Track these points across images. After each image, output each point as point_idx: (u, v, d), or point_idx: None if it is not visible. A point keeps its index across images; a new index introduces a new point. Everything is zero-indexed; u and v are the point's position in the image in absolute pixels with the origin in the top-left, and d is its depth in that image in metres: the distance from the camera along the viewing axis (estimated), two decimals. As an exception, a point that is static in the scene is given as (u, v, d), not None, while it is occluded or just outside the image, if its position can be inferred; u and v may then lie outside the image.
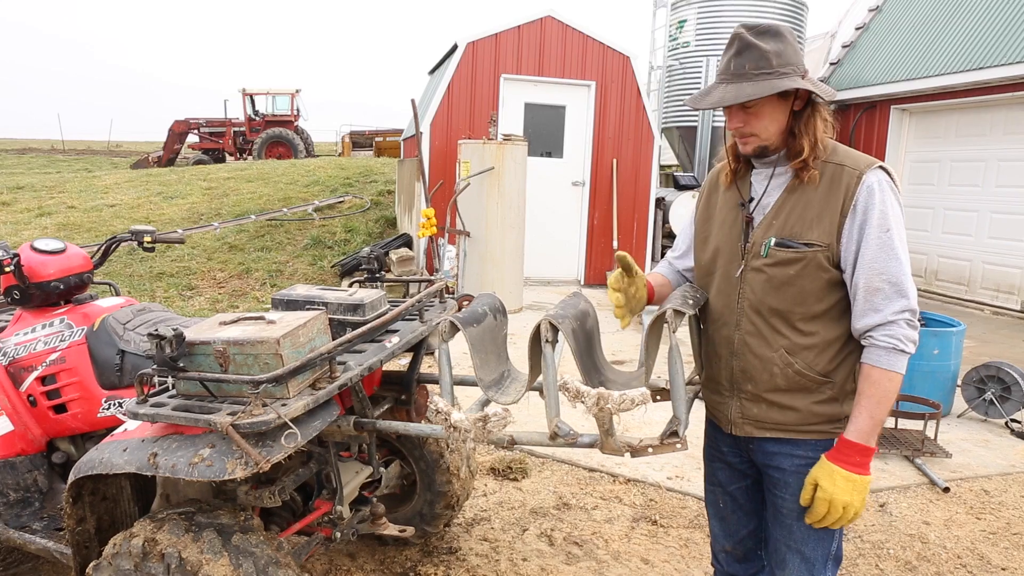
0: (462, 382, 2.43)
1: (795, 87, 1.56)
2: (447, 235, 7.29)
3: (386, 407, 2.37)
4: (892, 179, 1.61)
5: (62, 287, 2.44)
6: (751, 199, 1.73)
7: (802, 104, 1.63)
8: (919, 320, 1.60)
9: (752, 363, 1.70)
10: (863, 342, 1.61)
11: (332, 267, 8.73)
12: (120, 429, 1.88)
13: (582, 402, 1.56)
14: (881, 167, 1.61)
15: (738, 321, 1.72)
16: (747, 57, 1.59)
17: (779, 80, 1.56)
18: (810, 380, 1.66)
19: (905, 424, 4.09)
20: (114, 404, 2.31)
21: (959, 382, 4.59)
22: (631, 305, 1.81)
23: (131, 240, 2.74)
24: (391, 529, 2.51)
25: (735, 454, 1.87)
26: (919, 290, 9.06)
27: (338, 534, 2.24)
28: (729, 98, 1.58)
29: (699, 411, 4.78)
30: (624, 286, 1.80)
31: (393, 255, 8.29)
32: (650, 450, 1.68)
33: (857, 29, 10.83)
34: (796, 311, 1.64)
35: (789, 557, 1.74)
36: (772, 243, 1.65)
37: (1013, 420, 4.39)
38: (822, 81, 1.63)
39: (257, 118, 22.73)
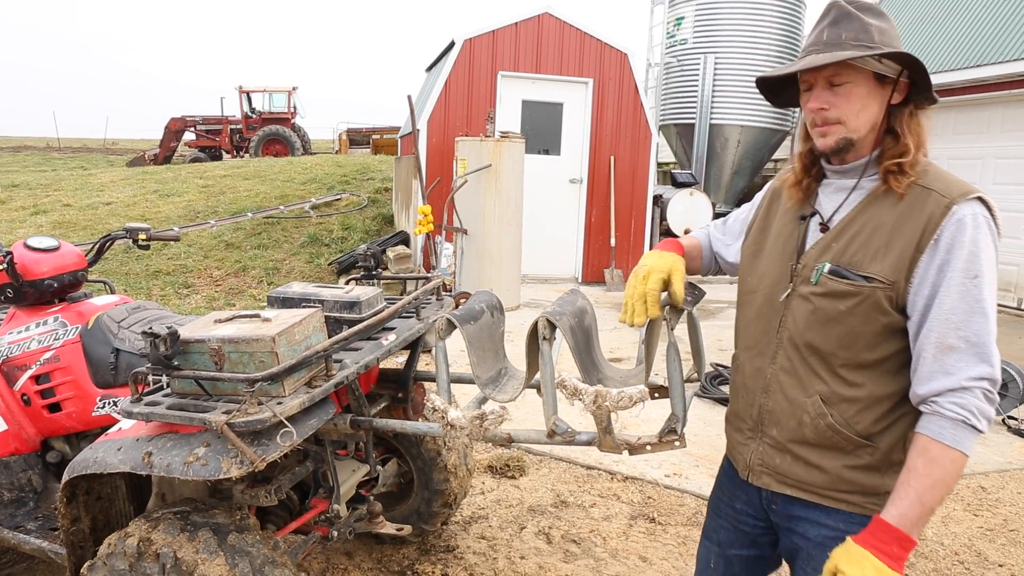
0: (459, 380, 2.42)
1: (899, 68, 1.30)
2: (444, 232, 7.28)
3: (383, 405, 2.36)
4: (992, 214, 1.31)
5: (56, 285, 2.42)
6: (814, 212, 1.45)
7: (902, 98, 1.35)
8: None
9: (781, 405, 1.46)
10: (923, 408, 1.29)
11: (329, 264, 8.71)
12: (115, 428, 1.86)
13: (580, 400, 1.55)
14: (980, 198, 1.30)
15: (775, 353, 1.47)
16: (845, 27, 1.32)
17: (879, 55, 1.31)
18: (845, 439, 1.38)
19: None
20: (109, 403, 2.29)
21: (957, 379, 4.59)
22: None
23: (126, 238, 2.72)
24: (388, 527, 2.49)
25: (750, 513, 1.59)
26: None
27: (335, 533, 2.23)
28: (821, 60, 1.31)
29: (698, 408, 4.78)
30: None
31: (390, 252, 8.27)
32: (648, 448, 1.67)
33: (854, 26, 10.81)
34: (839, 355, 1.37)
35: None
36: (825, 269, 1.37)
37: (1010, 417, 4.39)
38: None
39: (254, 115, 22.68)
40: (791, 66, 1.37)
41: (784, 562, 1.62)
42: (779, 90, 1.54)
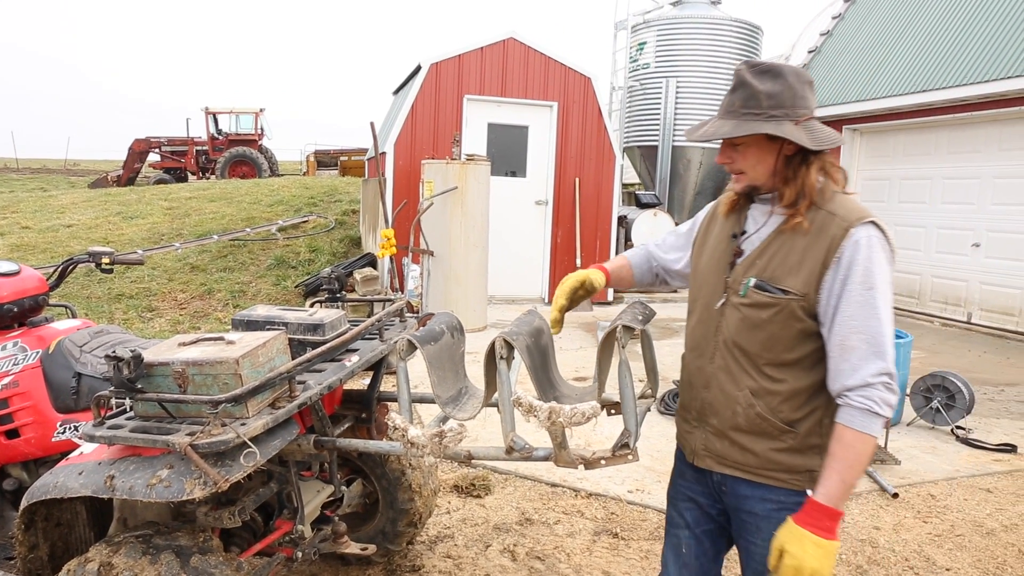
0: (422, 399, 2.46)
1: (774, 133, 1.52)
2: (411, 254, 7.32)
3: (347, 426, 2.39)
4: (885, 236, 1.53)
5: (16, 309, 2.42)
6: (743, 232, 1.69)
7: (794, 149, 1.57)
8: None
9: (718, 398, 1.69)
10: (838, 401, 1.54)
11: (296, 287, 8.68)
12: (76, 452, 1.87)
13: (535, 416, 1.60)
14: (873, 222, 1.53)
15: (713, 354, 1.70)
16: (739, 95, 1.58)
17: (762, 123, 1.54)
18: (771, 426, 1.61)
19: (857, 434, 4.22)
20: (70, 428, 2.29)
21: (908, 392, 4.75)
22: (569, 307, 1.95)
23: (89, 261, 2.73)
24: (353, 548, 2.51)
25: (706, 494, 1.80)
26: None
27: (299, 554, 2.24)
28: (708, 133, 1.61)
29: (660, 425, 4.86)
30: (576, 298, 1.94)
31: (357, 275, 8.28)
32: (603, 462, 1.73)
33: (810, 52, 11.21)
34: (764, 356, 1.61)
35: None
36: (751, 283, 1.62)
37: (958, 427, 4.55)
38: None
39: (220, 137, 22.53)
40: (696, 133, 1.65)
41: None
42: None
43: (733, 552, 1.83)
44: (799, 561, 1.48)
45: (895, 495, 3.62)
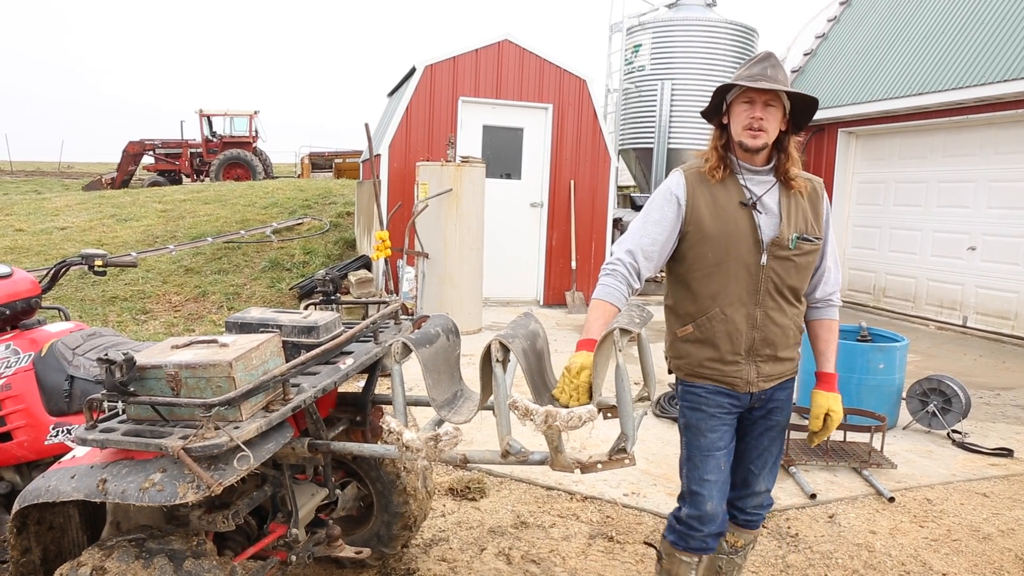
0: (418, 402, 2.45)
1: (816, 107, 2.07)
2: (406, 256, 7.30)
3: (341, 428, 2.38)
4: None
5: (8, 312, 2.40)
6: (750, 199, 2.09)
7: (787, 126, 2.09)
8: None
9: (774, 331, 2.14)
10: (819, 304, 2.26)
11: (290, 289, 8.66)
12: (68, 456, 1.85)
13: (531, 420, 1.60)
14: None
15: (761, 300, 2.11)
16: (780, 72, 2.02)
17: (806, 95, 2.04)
18: (800, 337, 2.24)
19: (853, 437, 4.21)
20: (62, 431, 2.27)
21: (904, 395, 4.75)
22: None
23: (82, 264, 2.71)
24: (347, 551, 2.49)
25: (738, 412, 2.24)
26: (868, 306, 9.35)
27: (294, 557, 2.23)
28: (783, 86, 2.00)
29: (656, 428, 4.84)
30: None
31: (352, 277, 8.26)
32: (599, 466, 1.73)
33: (805, 55, 11.23)
34: (801, 288, 2.17)
35: (769, 458, 2.31)
36: (796, 237, 2.09)
37: (954, 431, 4.55)
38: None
39: (214, 139, 22.48)
40: (763, 83, 1.99)
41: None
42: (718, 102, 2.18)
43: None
44: (838, 413, 2.20)
45: (891, 499, 3.61)
